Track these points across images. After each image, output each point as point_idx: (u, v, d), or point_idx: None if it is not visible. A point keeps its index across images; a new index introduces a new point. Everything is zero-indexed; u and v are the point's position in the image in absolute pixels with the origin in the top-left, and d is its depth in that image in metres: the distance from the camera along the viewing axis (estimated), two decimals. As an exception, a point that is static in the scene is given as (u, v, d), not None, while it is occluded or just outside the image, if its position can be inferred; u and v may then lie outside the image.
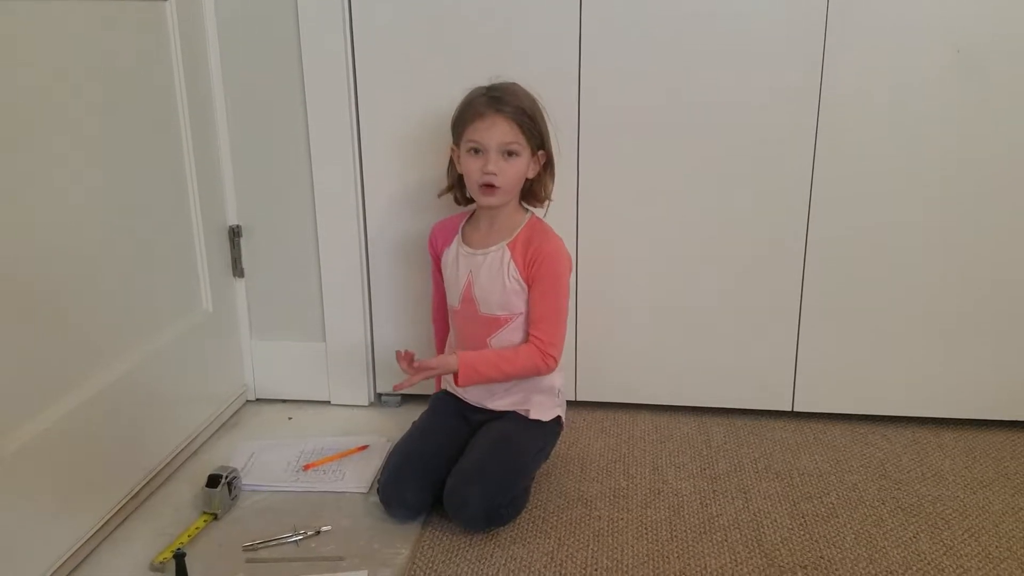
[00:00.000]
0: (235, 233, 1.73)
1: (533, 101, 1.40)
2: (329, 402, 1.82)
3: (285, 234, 1.73)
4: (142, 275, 1.45)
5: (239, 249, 1.74)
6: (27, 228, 1.17)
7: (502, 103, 1.36)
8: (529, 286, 1.42)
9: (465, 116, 1.39)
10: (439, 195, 1.50)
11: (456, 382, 1.41)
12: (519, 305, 1.43)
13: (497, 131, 1.36)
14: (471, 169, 1.39)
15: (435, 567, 1.27)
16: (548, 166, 1.45)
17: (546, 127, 1.42)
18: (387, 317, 1.77)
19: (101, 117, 1.32)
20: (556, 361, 1.43)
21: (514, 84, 1.41)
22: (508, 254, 1.43)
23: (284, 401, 1.83)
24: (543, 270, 1.41)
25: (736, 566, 1.27)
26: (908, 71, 1.52)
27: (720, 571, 1.25)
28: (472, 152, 1.39)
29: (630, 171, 1.62)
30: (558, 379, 1.51)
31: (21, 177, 1.15)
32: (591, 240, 1.66)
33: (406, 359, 1.39)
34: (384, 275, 1.75)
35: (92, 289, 1.31)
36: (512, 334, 1.44)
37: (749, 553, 1.30)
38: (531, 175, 1.43)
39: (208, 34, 1.62)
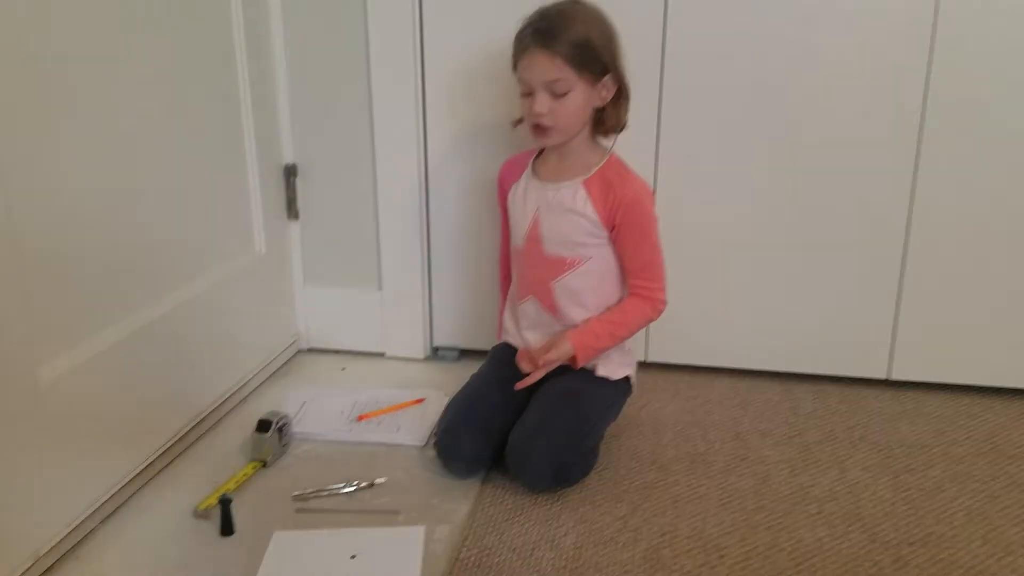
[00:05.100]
0: (290, 172, 1.63)
1: (590, 25, 1.23)
2: (384, 354, 1.72)
3: (342, 175, 1.64)
4: (193, 212, 1.36)
5: (294, 189, 1.65)
6: (75, 157, 1.09)
7: (546, 36, 1.21)
8: (615, 236, 1.30)
9: (515, 51, 1.27)
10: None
11: (574, 365, 1.31)
12: (587, 249, 1.31)
13: (538, 68, 1.22)
14: (524, 111, 1.28)
15: (497, 525, 1.17)
16: (621, 92, 1.29)
17: (612, 50, 1.25)
18: (446, 265, 1.67)
19: (152, 49, 1.23)
20: (665, 303, 1.33)
21: (571, 5, 1.25)
22: (583, 192, 1.30)
23: (337, 352, 1.74)
24: (631, 218, 1.28)
25: (834, 541, 1.13)
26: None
27: (817, 546, 1.12)
28: (525, 93, 1.27)
29: (718, 118, 1.48)
30: (628, 336, 1.39)
31: (72, 110, 1.08)
32: (670, 183, 1.52)
33: (527, 358, 1.29)
34: (445, 221, 1.64)
35: (141, 222, 1.23)
36: (577, 280, 1.32)
37: (848, 527, 1.16)
38: (599, 103, 1.28)
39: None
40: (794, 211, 1.51)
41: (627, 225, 1.29)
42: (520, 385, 1.29)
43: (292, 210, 1.66)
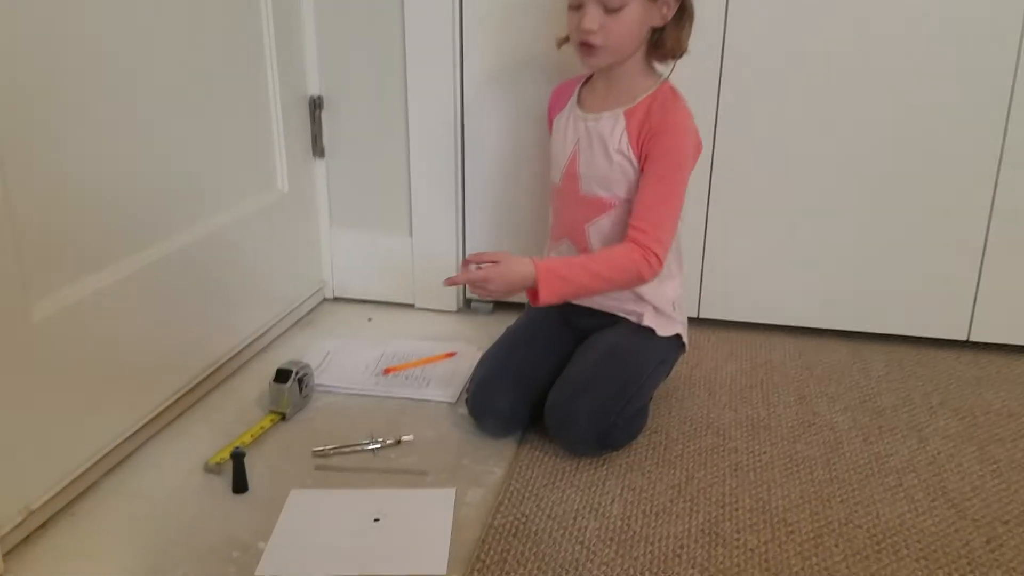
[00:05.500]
0: (316, 105, 1.51)
1: None
2: (413, 305, 1.61)
3: (372, 109, 1.51)
4: (209, 145, 1.25)
5: (320, 124, 1.52)
6: (82, 87, 0.98)
7: None
8: (642, 165, 1.15)
9: None
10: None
11: (535, 299, 1.11)
12: (623, 188, 1.17)
13: None
14: (570, 27, 1.14)
15: (535, 491, 1.05)
16: (684, 10, 1.14)
17: None
18: (482, 209, 1.54)
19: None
20: (660, 262, 1.12)
21: None
22: (623, 123, 1.16)
23: (364, 301, 1.63)
24: (661, 145, 1.12)
25: (917, 517, 1.00)
26: None
27: (898, 522, 0.99)
28: (572, 6, 1.12)
29: (794, 58, 1.33)
30: (673, 290, 1.24)
31: (82, 35, 0.97)
32: (734, 121, 1.38)
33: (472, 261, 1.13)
34: (481, 161, 1.51)
35: (152, 155, 1.12)
36: (614, 223, 1.19)
37: (932, 502, 1.03)
38: (658, 22, 1.13)
39: None
40: (871, 157, 1.36)
41: (654, 153, 1.13)
42: (448, 281, 1.12)
43: (317, 146, 1.54)
